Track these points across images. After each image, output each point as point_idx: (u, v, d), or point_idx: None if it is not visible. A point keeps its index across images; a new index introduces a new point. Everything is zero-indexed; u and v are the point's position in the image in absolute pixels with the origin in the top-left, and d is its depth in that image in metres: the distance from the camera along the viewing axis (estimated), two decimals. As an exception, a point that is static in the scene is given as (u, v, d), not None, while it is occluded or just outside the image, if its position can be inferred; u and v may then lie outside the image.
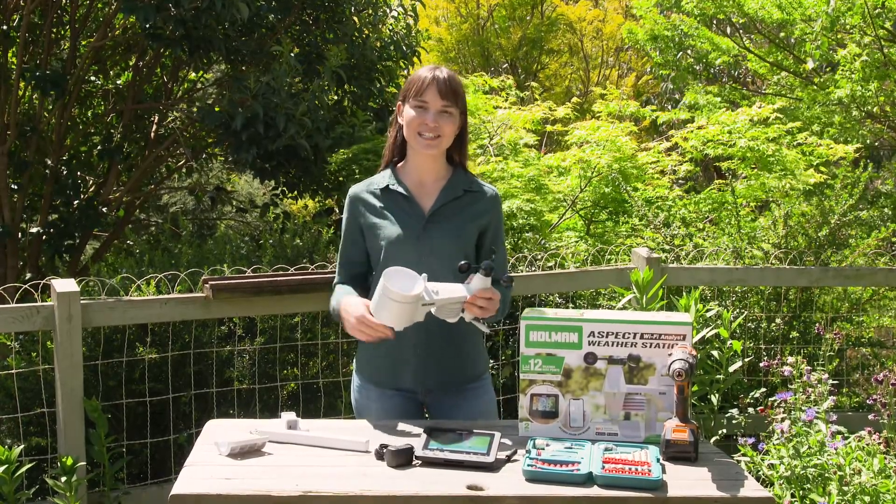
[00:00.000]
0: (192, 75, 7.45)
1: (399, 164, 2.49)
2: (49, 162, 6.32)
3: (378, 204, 2.43)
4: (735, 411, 3.91)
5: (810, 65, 7.05)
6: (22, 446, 2.95)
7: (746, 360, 4.26)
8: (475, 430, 2.15)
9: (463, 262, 2.20)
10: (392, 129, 2.50)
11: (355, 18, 6.41)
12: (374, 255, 2.44)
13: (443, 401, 2.48)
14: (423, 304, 2.18)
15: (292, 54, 5.55)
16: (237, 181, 10.25)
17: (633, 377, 2.20)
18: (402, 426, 2.31)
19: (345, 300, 2.34)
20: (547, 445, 2.11)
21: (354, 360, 2.57)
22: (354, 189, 2.50)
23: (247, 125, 5.34)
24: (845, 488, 2.65)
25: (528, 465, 1.98)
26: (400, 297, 2.14)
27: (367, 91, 6.27)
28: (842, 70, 6.59)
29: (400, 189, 2.42)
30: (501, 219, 2.52)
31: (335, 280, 2.53)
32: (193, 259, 4.05)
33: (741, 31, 8.88)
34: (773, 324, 4.73)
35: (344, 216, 2.51)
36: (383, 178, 2.47)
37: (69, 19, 6.36)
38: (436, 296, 2.19)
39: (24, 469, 2.84)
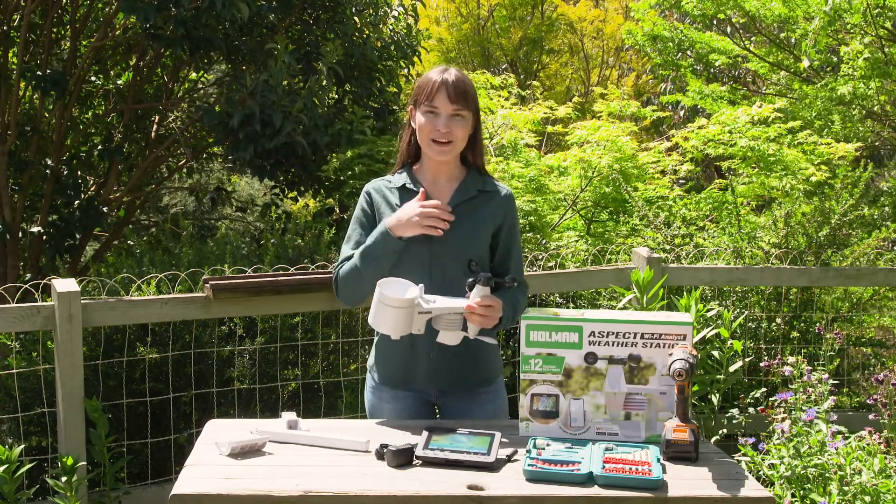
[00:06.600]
0: (193, 75, 7.45)
1: (415, 166, 2.50)
2: (49, 162, 6.32)
3: (395, 201, 2.43)
4: (735, 411, 3.91)
5: (806, 63, 7.04)
6: (22, 446, 2.95)
7: (747, 359, 4.26)
8: (475, 430, 2.15)
9: (470, 280, 2.23)
10: (406, 132, 2.51)
11: (356, 18, 6.41)
12: None
13: (455, 403, 2.48)
14: (420, 312, 2.20)
15: (288, 52, 5.53)
16: (237, 181, 10.25)
17: (633, 377, 2.20)
18: (402, 426, 2.31)
19: (380, 226, 2.35)
20: (547, 445, 2.11)
21: (370, 359, 2.57)
22: (373, 183, 2.52)
23: (244, 123, 5.34)
24: (846, 488, 2.65)
25: (529, 465, 1.98)
26: (395, 303, 2.17)
27: (367, 91, 6.27)
28: (845, 66, 6.58)
29: (416, 188, 2.43)
30: (516, 219, 2.52)
31: (338, 261, 2.46)
32: (194, 259, 4.05)
33: (742, 32, 8.89)
34: (774, 324, 4.72)
35: (359, 205, 2.50)
36: (400, 178, 2.48)
37: (69, 19, 6.36)
38: (433, 304, 2.22)
39: (24, 469, 2.84)
